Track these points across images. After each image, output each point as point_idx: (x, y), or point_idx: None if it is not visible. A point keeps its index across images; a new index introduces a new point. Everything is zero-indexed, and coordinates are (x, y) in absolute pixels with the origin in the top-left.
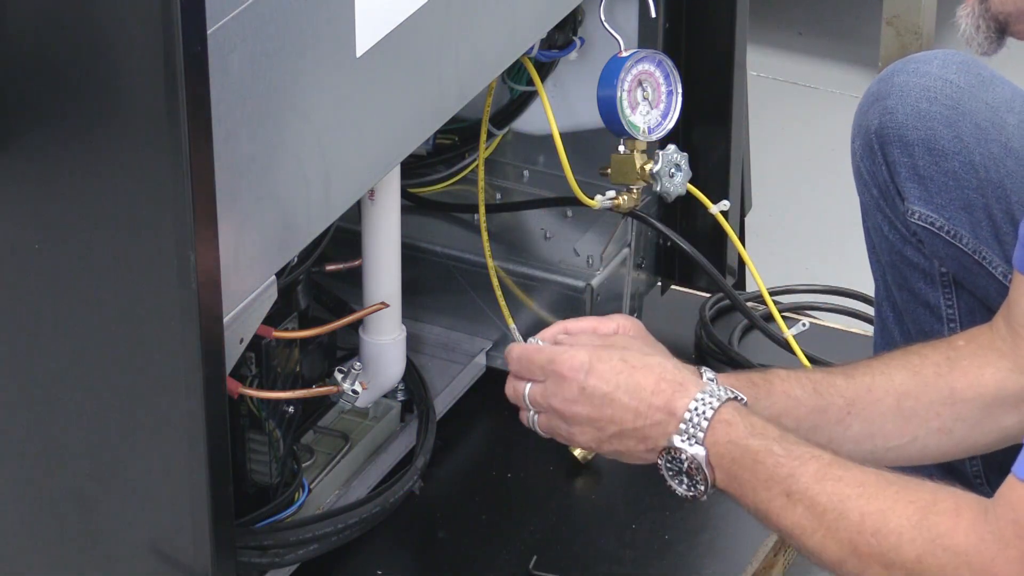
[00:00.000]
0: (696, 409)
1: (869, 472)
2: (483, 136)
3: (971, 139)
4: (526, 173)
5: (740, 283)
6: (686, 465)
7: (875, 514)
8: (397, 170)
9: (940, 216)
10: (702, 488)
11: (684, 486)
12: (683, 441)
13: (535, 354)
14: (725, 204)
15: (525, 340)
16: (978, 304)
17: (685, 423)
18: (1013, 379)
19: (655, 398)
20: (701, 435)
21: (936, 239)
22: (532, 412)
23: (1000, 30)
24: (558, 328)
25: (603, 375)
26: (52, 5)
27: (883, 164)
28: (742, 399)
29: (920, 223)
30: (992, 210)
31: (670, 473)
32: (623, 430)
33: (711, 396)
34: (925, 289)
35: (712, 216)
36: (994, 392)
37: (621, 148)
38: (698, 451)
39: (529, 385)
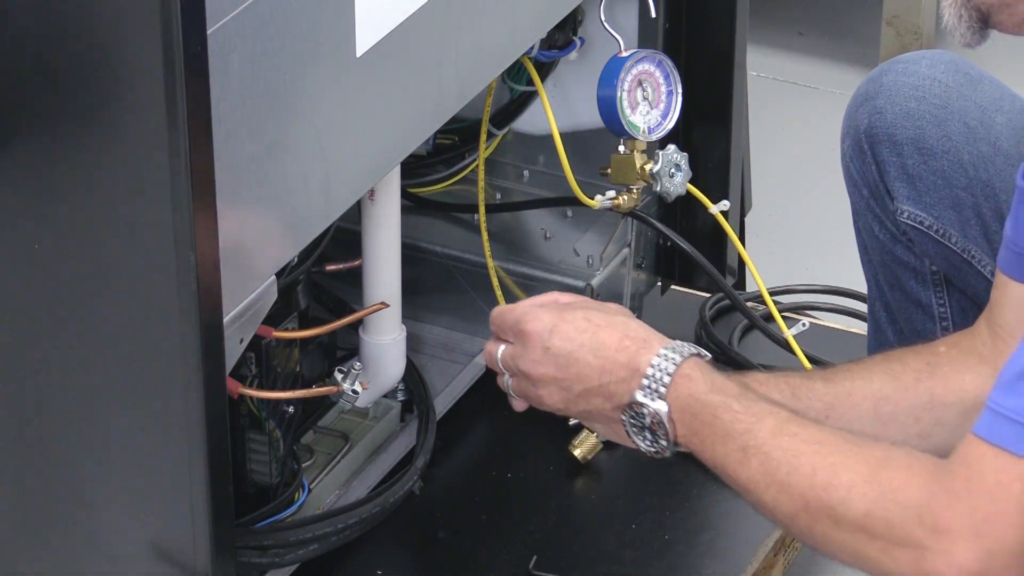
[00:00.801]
0: (659, 365)
1: (826, 430)
2: (483, 136)
3: (960, 138)
4: (526, 173)
5: (740, 283)
6: (648, 420)
7: (827, 468)
8: (397, 170)
9: (929, 215)
10: (664, 443)
11: (647, 442)
12: (645, 396)
13: (507, 314)
14: (725, 204)
15: None
16: (970, 303)
17: (648, 378)
18: (993, 384)
19: (619, 355)
20: (663, 390)
21: (925, 238)
22: (507, 376)
23: (982, 20)
24: (549, 298)
25: (567, 334)
26: (52, 5)
27: (873, 164)
28: (706, 355)
29: (909, 222)
30: (981, 209)
31: (634, 429)
32: (588, 388)
33: (674, 352)
34: (917, 288)
35: (712, 216)
36: (974, 397)
37: (621, 148)
38: (660, 406)
39: (502, 347)
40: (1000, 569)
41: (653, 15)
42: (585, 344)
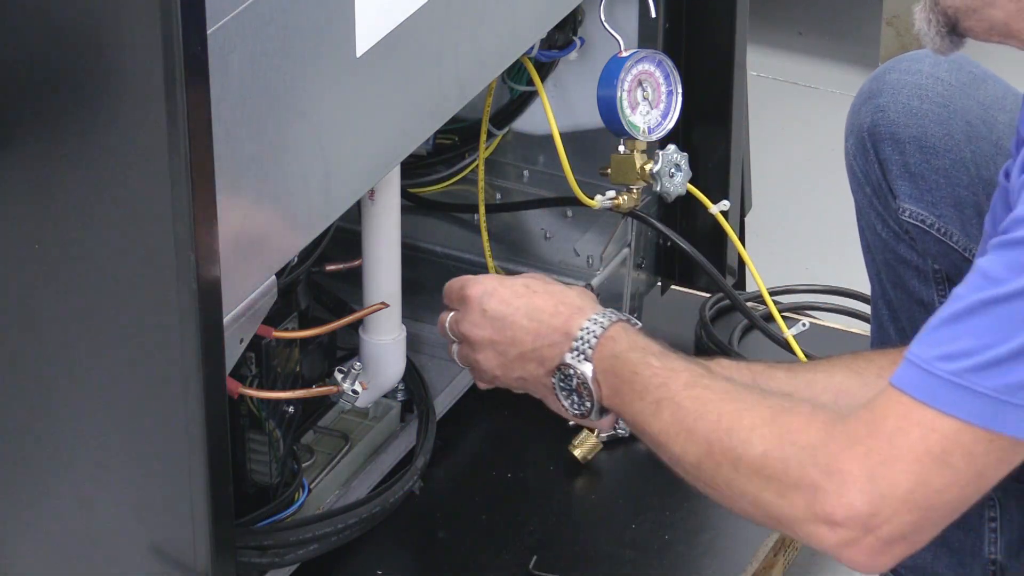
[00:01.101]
0: (588, 328)
1: (739, 384)
2: (483, 136)
3: (962, 137)
4: (526, 173)
5: (740, 283)
6: (575, 383)
7: (731, 414)
8: (397, 170)
9: (931, 214)
10: (589, 405)
11: (575, 406)
12: (573, 358)
13: (455, 282)
14: (725, 204)
15: None
16: None
17: (577, 341)
18: None
19: (553, 319)
20: (590, 352)
21: (927, 236)
22: (455, 345)
23: (950, 26)
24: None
25: (504, 298)
26: (52, 5)
27: (876, 162)
28: (635, 323)
29: (911, 220)
30: (983, 208)
31: (563, 393)
32: (523, 352)
33: (603, 318)
34: (919, 287)
35: (712, 216)
36: None
37: (621, 148)
38: (586, 368)
39: (451, 315)
40: (890, 513)
41: (653, 15)
42: (520, 308)
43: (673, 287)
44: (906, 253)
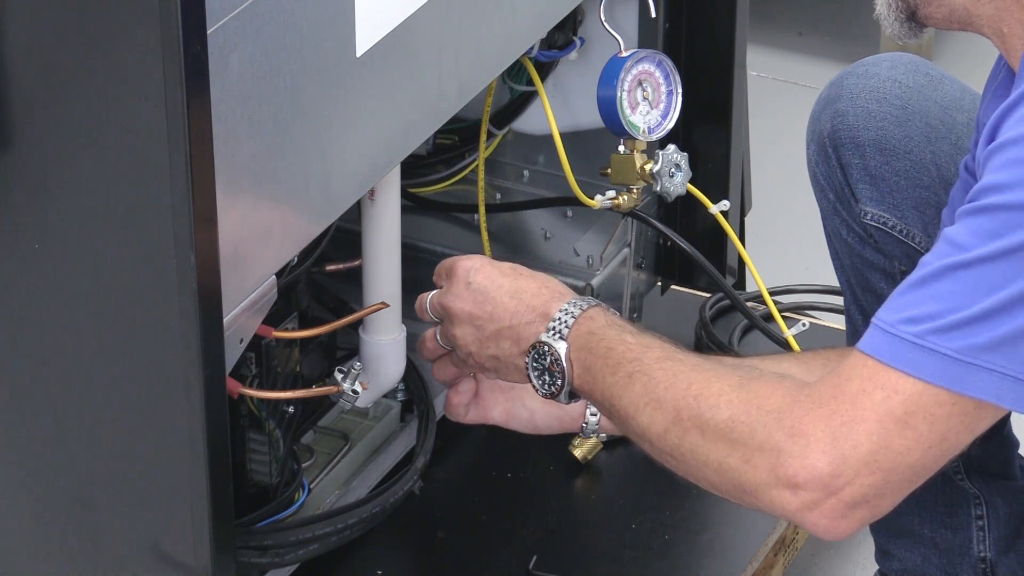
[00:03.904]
0: (566, 310)
1: (712, 358)
2: (483, 136)
3: (921, 138)
4: (526, 173)
5: (740, 283)
6: (548, 361)
7: (701, 381)
8: (397, 170)
9: (892, 216)
10: (560, 383)
11: (546, 385)
12: (549, 336)
13: (447, 260)
14: (725, 204)
15: None
16: None
17: (554, 321)
18: None
19: (534, 300)
20: (566, 331)
21: (890, 239)
22: (430, 330)
23: (909, 12)
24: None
25: (489, 275)
26: (52, 5)
27: (837, 167)
28: (613, 312)
29: (874, 223)
30: (943, 208)
31: (535, 372)
32: (500, 329)
33: (583, 301)
34: (887, 289)
35: (712, 216)
36: None
37: (621, 148)
38: (560, 346)
39: (434, 292)
40: (851, 474)
41: (653, 15)
42: (504, 286)
43: (673, 287)
44: (872, 256)
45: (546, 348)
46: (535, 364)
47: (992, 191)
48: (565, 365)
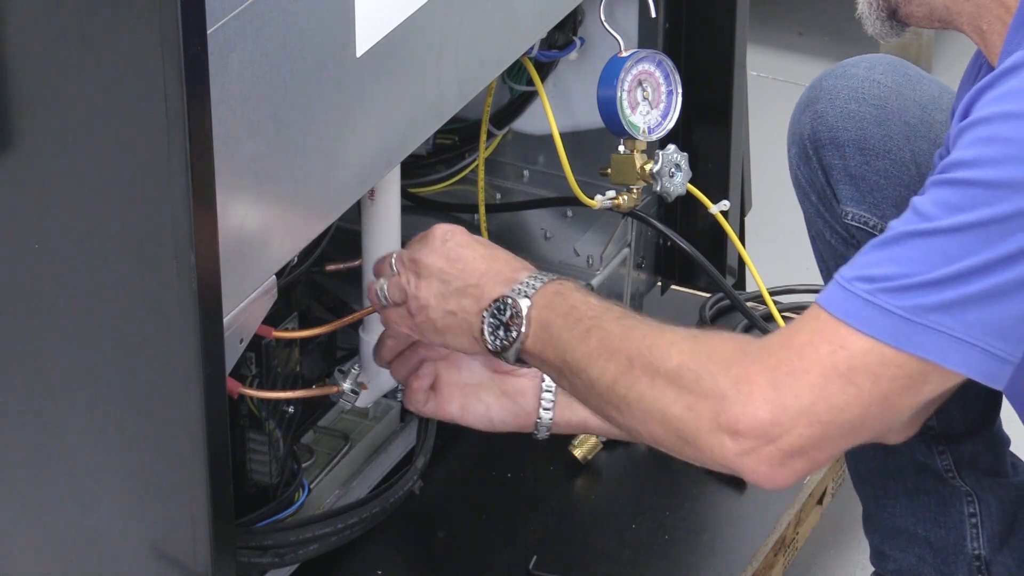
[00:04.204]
0: (536, 276)
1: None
2: (483, 136)
3: (901, 137)
4: (526, 173)
5: (740, 283)
6: (508, 315)
7: (655, 333)
8: (397, 170)
9: (873, 215)
10: (513, 337)
11: (497, 339)
12: (513, 293)
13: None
14: (725, 204)
15: None
16: None
17: (520, 284)
18: None
19: (505, 267)
20: (532, 292)
21: (871, 238)
22: (382, 282)
23: (890, 11)
24: None
25: (467, 241)
26: (52, 5)
27: (819, 168)
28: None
29: (854, 223)
30: None
31: (490, 327)
32: (466, 285)
33: (553, 274)
34: None
35: (712, 216)
36: None
37: (621, 148)
38: (524, 302)
39: (402, 250)
40: (790, 423)
41: (653, 15)
42: (480, 252)
43: (673, 287)
44: None
45: (508, 302)
46: (492, 319)
47: (960, 166)
48: (524, 322)
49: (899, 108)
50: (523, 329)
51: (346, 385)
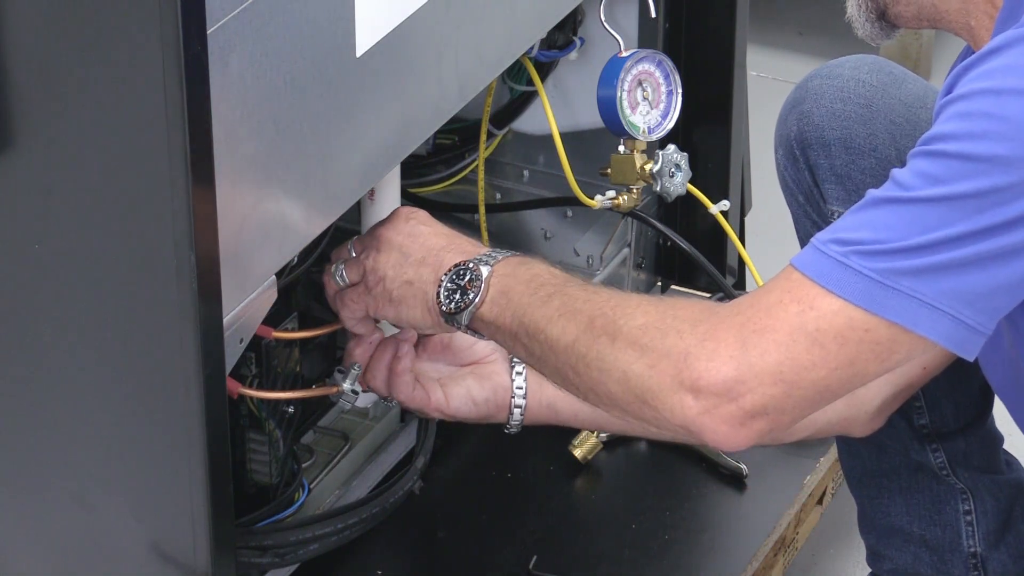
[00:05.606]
0: (498, 250)
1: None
2: (483, 136)
3: (886, 136)
4: (526, 173)
5: (740, 283)
6: (467, 279)
7: (621, 296)
8: (397, 170)
9: None
10: (468, 299)
11: (452, 301)
12: (474, 260)
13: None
14: (725, 204)
15: None
16: None
17: (483, 254)
18: None
19: (467, 245)
20: (494, 261)
21: None
22: (339, 264)
23: (879, 12)
24: None
25: (432, 222)
26: (52, 5)
27: (805, 169)
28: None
29: None
30: None
31: (447, 290)
32: (426, 256)
33: (520, 253)
34: None
35: (712, 216)
36: None
37: (621, 148)
38: (485, 268)
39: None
40: (754, 382)
41: (653, 15)
42: (442, 232)
43: (673, 287)
44: None
45: (469, 266)
46: (451, 284)
47: (941, 139)
48: (482, 286)
49: (884, 107)
50: (481, 293)
51: (346, 385)
